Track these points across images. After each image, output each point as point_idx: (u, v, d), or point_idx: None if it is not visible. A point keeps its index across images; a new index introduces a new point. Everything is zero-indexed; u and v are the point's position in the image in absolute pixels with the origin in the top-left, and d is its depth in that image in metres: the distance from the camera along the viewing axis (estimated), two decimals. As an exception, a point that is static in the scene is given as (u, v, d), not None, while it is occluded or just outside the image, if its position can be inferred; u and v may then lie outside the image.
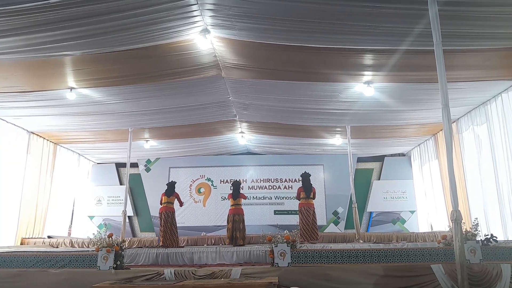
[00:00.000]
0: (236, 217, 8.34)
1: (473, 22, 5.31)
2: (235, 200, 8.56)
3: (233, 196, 8.63)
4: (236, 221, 8.30)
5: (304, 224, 8.41)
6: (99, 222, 13.14)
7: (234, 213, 8.41)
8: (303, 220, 8.47)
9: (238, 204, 8.55)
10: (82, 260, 5.02)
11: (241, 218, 8.41)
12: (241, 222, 8.35)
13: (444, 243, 4.90)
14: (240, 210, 8.53)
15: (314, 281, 4.28)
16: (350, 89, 7.75)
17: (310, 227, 8.40)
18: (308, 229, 8.36)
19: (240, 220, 8.36)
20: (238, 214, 8.39)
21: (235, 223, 8.29)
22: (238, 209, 8.50)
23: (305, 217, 8.48)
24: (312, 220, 8.47)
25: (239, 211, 8.46)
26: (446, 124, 4.38)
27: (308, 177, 8.79)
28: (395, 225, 12.54)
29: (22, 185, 10.05)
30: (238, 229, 8.26)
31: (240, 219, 8.37)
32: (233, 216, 8.36)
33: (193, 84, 7.80)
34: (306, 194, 8.61)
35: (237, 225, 8.28)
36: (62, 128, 10.16)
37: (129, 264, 6.57)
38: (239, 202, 8.58)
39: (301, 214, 8.54)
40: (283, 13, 5.27)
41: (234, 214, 8.37)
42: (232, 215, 8.39)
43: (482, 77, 7.08)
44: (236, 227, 8.26)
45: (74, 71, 7.06)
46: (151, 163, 13.52)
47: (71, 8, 4.98)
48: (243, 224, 8.39)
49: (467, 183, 9.07)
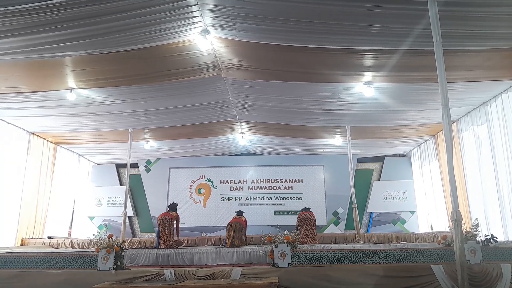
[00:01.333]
0: (237, 225, 8.32)
1: (473, 22, 5.32)
2: (238, 213, 8.82)
3: (238, 214, 8.86)
4: (237, 230, 8.26)
5: (304, 230, 8.52)
6: (99, 223, 13.16)
7: (236, 221, 8.42)
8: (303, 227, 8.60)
9: (240, 216, 8.70)
10: (82, 260, 5.02)
11: (243, 231, 8.36)
12: (243, 235, 8.28)
13: (444, 243, 4.90)
14: (242, 221, 8.52)
15: (314, 281, 4.28)
16: (350, 90, 7.75)
17: (310, 235, 8.53)
18: (305, 235, 8.46)
19: (241, 229, 8.33)
20: (239, 223, 8.39)
21: (236, 232, 8.23)
22: (240, 219, 8.54)
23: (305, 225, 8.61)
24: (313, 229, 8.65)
25: (241, 221, 8.48)
26: (446, 124, 4.38)
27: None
28: (395, 226, 12.55)
29: (22, 185, 10.06)
30: (239, 239, 8.17)
31: (241, 228, 8.34)
32: (235, 224, 8.33)
33: (193, 84, 7.81)
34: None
35: (238, 234, 8.21)
36: (62, 128, 10.17)
37: (129, 264, 6.57)
38: (242, 215, 8.78)
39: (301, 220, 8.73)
40: (283, 14, 5.28)
41: (236, 223, 8.36)
42: (234, 223, 8.37)
43: (482, 77, 7.08)
44: (237, 236, 8.19)
45: (74, 72, 7.06)
46: (151, 163, 13.52)
47: (71, 8, 4.99)
48: (246, 237, 8.38)
49: (467, 184, 9.07)
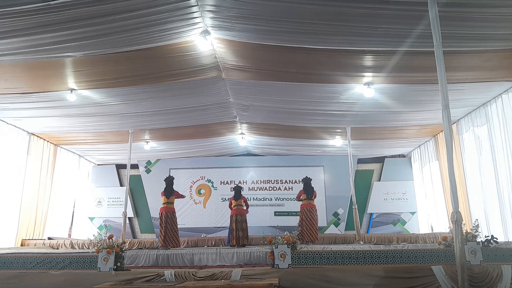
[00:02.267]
0: (238, 217, 8.60)
1: (473, 23, 5.32)
2: (237, 201, 8.80)
3: (235, 197, 8.88)
4: (238, 221, 8.56)
5: (306, 224, 8.59)
6: (100, 224, 13.15)
7: (236, 213, 8.66)
8: (305, 221, 8.65)
9: (239, 205, 8.79)
10: (82, 261, 5.01)
11: (244, 218, 8.67)
12: (243, 222, 8.61)
13: (445, 244, 4.89)
14: (242, 210, 8.77)
15: (314, 282, 4.28)
16: (350, 90, 7.75)
17: (312, 227, 8.58)
18: (309, 229, 8.54)
19: (242, 220, 8.62)
20: (240, 214, 8.65)
21: (238, 223, 8.53)
22: (240, 209, 8.75)
23: (308, 218, 8.66)
24: (314, 221, 8.68)
25: (241, 211, 8.72)
26: (446, 125, 4.38)
27: (310, 181, 9.10)
28: (395, 226, 12.53)
29: (23, 186, 10.06)
30: (241, 229, 8.51)
31: (242, 219, 8.63)
32: (236, 216, 8.61)
33: (193, 85, 7.81)
34: (308, 196, 8.89)
35: (240, 225, 8.53)
36: (62, 129, 10.17)
37: (130, 265, 6.56)
38: (241, 203, 8.81)
39: (304, 215, 8.75)
40: (283, 15, 5.28)
41: (237, 215, 8.63)
42: (235, 215, 8.64)
43: (482, 78, 7.07)
44: (239, 227, 8.51)
45: (75, 73, 7.06)
46: (151, 164, 13.51)
47: (71, 9, 4.99)
48: (246, 224, 8.67)
49: (467, 184, 9.05)
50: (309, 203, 8.84)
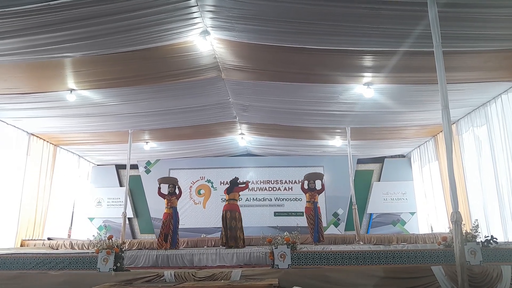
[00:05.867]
0: (228, 213, 7.64)
1: (472, 23, 5.32)
2: (229, 195, 7.95)
3: (228, 190, 8.06)
4: (227, 218, 7.58)
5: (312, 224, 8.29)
6: (99, 224, 13.14)
7: (226, 209, 7.76)
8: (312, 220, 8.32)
9: (232, 200, 7.91)
10: (82, 262, 5.01)
11: (234, 216, 7.65)
12: (233, 220, 7.58)
13: (444, 244, 4.89)
14: (234, 206, 7.80)
15: (314, 283, 4.28)
16: (350, 91, 7.75)
17: (319, 226, 8.32)
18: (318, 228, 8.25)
19: (232, 217, 7.60)
20: (230, 210, 7.69)
21: (227, 220, 7.59)
22: (232, 205, 7.80)
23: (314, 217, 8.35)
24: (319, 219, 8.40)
25: (232, 207, 7.75)
26: (446, 125, 4.38)
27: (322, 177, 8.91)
28: (395, 227, 12.53)
29: (22, 186, 10.06)
30: (230, 228, 7.55)
31: (232, 216, 7.62)
32: (225, 212, 7.71)
33: (193, 85, 7.81)
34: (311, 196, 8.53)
35: (229, 223, 7.56)
36: (62, 129, 10.17)
37: (129, 266, 6.55)
38: (234, 197, 7.96)
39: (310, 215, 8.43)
40: (283, 15, 5.28)
41: (226, 211, 7.72)
42: (225, 211, 7.74)
43: (482, 78, 7.08)
44: (227, 225, 7.56)
45: (74, 73, 7.06)
46: (151, 164, 13.51)
47: (71, 9, 4.99)
48: (238, 223, 7.66)
49: (467, 185, 9.06)
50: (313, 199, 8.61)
